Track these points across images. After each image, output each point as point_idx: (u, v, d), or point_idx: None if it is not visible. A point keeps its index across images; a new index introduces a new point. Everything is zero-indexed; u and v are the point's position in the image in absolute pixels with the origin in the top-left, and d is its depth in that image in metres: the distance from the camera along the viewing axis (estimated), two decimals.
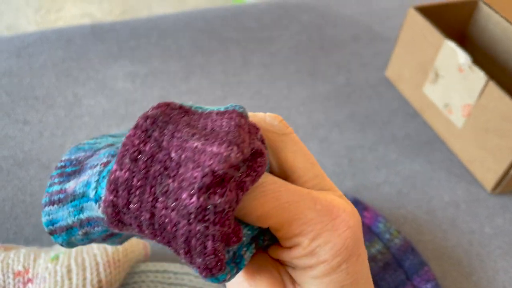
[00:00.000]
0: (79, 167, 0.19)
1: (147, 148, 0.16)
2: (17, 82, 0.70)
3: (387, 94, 0.77)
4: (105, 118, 0.66)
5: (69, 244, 0.19)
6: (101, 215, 0.17)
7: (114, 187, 0.16)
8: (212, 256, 0.16)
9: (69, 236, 0.19)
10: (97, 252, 0.43)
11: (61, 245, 0.19)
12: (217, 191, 0.15)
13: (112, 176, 0.16)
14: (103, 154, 0.18)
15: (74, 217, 0.18)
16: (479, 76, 0.61)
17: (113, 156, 0.18)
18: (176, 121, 0.17)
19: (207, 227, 0.15)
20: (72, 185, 0.18)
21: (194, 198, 0.15)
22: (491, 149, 0.62)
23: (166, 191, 0.16)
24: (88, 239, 0.19)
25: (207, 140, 0.16)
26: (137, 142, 0.17)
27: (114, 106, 0.68)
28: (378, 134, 0.70)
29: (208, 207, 0.15)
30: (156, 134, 0.17)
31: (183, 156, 0.16)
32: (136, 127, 0.17)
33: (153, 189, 0.16)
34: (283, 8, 0.93)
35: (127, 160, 0.16)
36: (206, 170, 0.15)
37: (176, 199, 0.16)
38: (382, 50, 0.86)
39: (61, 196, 0.19)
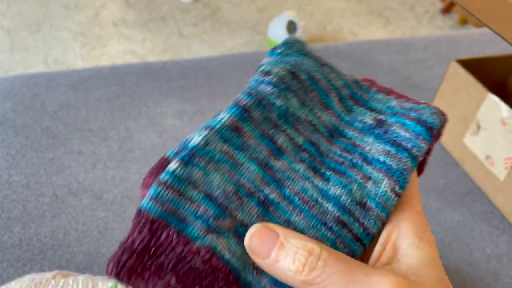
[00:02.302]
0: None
1: None
2: (74, 114, 0.74)
3: None
4: (154, 153, 0.69)
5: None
6: None
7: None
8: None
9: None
10: None
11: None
12: None
13: None
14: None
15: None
16: None
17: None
18: None
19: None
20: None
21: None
22: None
23: None
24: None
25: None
26: None
27: (163, 142, 0.71)
28: (419, 183, 0.71)
29: None
30: None
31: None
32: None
33: None
34: (323, 55, 0.97)
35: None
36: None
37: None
38: (420, 99, 0.87)
39: None
